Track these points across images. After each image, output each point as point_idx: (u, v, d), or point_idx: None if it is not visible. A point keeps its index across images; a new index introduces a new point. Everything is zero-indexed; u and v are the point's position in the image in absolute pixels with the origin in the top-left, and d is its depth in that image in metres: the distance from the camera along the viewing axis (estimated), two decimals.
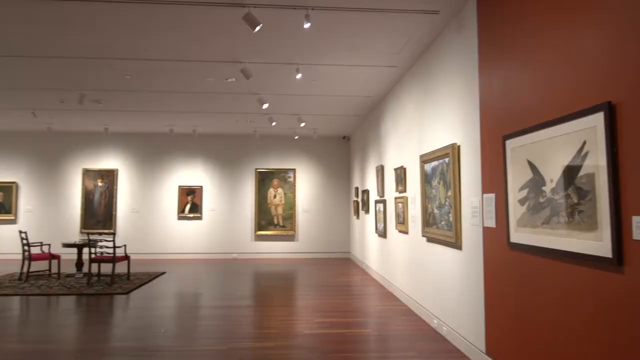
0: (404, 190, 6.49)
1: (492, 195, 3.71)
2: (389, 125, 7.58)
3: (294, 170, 12.23)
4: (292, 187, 12.20)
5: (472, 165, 4.18)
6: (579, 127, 2.59)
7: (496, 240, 3.64)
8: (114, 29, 5.02)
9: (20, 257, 10.79)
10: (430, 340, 4.76)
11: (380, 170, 8.01)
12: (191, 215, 11.92)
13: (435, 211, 5.07)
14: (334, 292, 7.31)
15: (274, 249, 12.04)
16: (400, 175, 6.59)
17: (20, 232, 8.32)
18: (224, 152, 12.20)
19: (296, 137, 11.89)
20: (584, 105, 2.57)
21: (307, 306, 6.33)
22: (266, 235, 12.05)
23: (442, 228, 4.86)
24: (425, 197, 5.41)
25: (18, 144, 11.73)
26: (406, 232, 6.41)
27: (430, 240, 5.36)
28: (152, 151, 12.05)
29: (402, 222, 6.57)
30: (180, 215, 11.91)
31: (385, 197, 7.74)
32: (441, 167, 4.88)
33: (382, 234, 7.90)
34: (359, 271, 9.69)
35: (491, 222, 3.72)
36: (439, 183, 4.97)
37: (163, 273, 9.18)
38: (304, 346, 4.53)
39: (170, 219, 11.92)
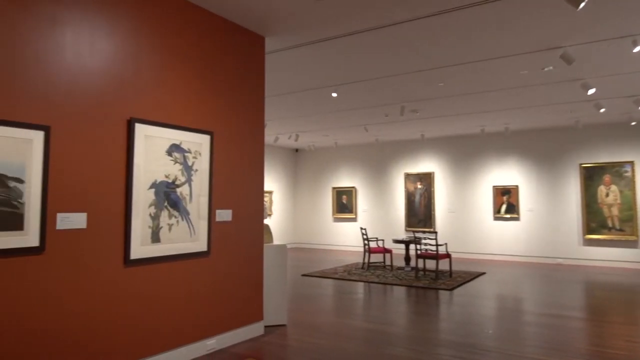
0: None
1: None
2: None
3: (631, 162, 10.18)
4: (630, 183, 10.17)
5: None
6: None
7: None
8: (428, 43, 5.44)
9: (360, 249, 12.95)
10: None
11: None
12: (507, 215, 11.54)
13: None
14: None
15: (609, 256, 10.30)
16: None
17: (361, 228, 9.98)
18: (540, 148, 11.30)
19: (633, 123, 9.89)
20: None
21: None
22: (598, 239, 10.44)
23: None
24: None
25: (355, 155, 14.11)
26: None
27: None
28: (465, 152, 12.32)
29: None
30: (496, 216, 11.70)
31: None
32: None
33: None
34: None
35: None
36: None
37: (483, 273, 9.23)
38: None
39: (486, 220, 11.87)
